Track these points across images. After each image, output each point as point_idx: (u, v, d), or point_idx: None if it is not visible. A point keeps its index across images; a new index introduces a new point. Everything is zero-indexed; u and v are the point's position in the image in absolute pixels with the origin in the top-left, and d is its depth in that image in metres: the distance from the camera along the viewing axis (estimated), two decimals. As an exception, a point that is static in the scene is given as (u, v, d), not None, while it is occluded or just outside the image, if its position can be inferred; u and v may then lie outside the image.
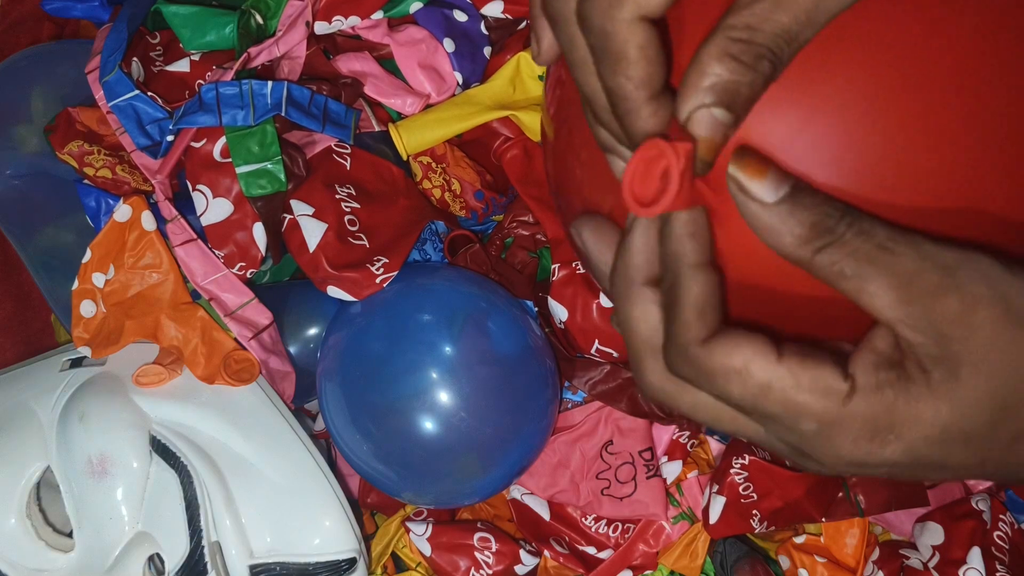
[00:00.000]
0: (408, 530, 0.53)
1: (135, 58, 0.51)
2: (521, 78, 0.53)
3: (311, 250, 0.48)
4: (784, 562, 0.52)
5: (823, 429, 0.28)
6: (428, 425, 0.47)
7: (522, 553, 0.52)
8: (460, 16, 0.53)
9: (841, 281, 0.27)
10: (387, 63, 0.53)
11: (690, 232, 0.29)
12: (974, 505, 0.51)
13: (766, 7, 0.27)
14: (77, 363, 0.51)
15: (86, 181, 0.51)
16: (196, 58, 0.51)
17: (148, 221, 0.48)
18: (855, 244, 0.27)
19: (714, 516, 0.50)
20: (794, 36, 0.27)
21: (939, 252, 0.27)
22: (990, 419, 0.28)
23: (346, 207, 0.49)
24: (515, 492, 0.54)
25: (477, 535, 0.52)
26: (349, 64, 0.52)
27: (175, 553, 0.47)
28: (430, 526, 0.52)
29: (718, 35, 0.27)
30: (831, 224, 0.27)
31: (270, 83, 0.47)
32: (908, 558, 0.51)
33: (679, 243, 0.29)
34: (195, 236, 0.49)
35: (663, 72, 0.28)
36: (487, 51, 0.54)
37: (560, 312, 0.49)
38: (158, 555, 0.47)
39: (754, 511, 0.50)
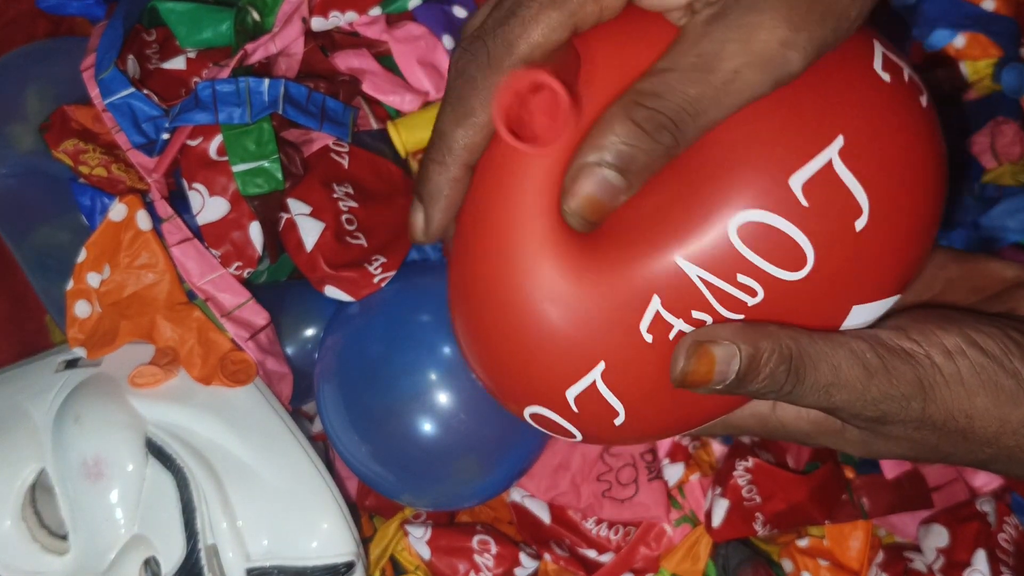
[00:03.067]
0: (407, 533, 0.53)
1: (131, 55, 0.50)
2: (521, 76, 0.53)
3: (308, 249, 0.47)
4: (787, 565, 0.52)
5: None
6: (427, 427, 0.47)
7: (522, 556, 0.52)
8: (459, 12, 0.53)
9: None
10: (385, 60, 0.53)
11: None
12: (979, 507, 0.51)
13: (676, 77, 0.27)
14: (72, 364, 0.51)
15: (81, 180, 0.50)
16: (192, 55, 0.51)
17: (143, 220, 0.48)
18: (801, 395, 0.30)
19: (717, 519, 0.50)
20: (700, 111, 0.27)
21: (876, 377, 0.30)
22: (915, 457, 0.34)
23: (344, 206, 0.49)
24: (515, 494, 0.54)
25: (476, 538, 0.52)
26: (347, 61, 0.52)
27: (171, 556, 0.46)
28: (429, 529, 0.52)
29: (626, 98, 0.27)
30: (778, 385, 0.30)
31: (267, 80, 0.47)
32: (912, 560, 0.51)
33: None
34: (191, 235, 0.48)
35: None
36: (487, 48, 0.54)
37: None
38: (154, 558, 0.47)
39: (757, 514, 0.50)
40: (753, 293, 0.30)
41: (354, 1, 0.51)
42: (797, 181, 0.29)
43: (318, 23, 0.51)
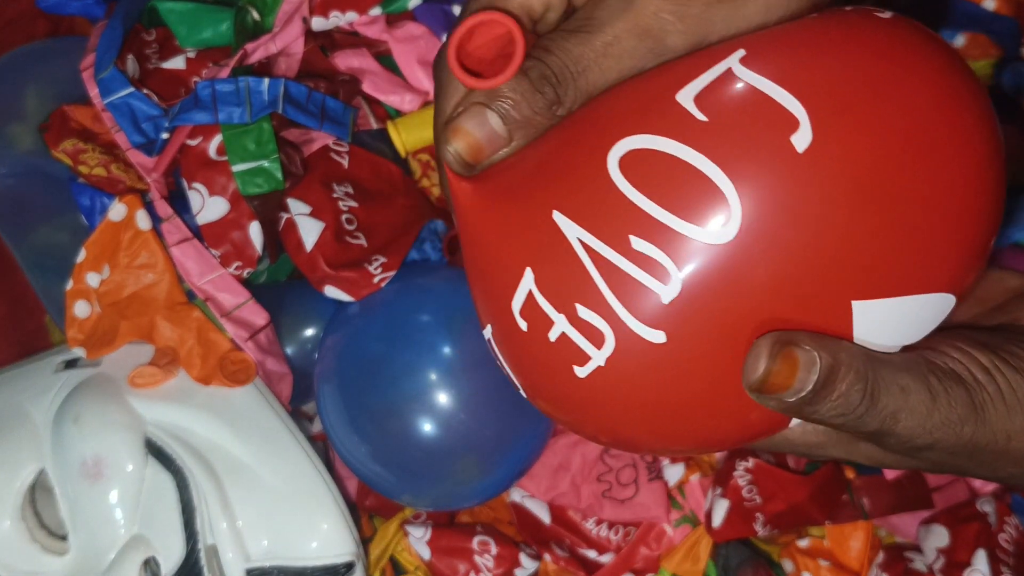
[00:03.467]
0: (407, 533, 0.53)
1: (130, 55, 0.50)
2: (521, 75, 0.53)
3: (308, 249, 0.47)
4: (788, 566, 0.52)
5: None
6: (427, 427, 0.47)
7: (522, 556, 0.52)
8: (459, 12, 0.53)
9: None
10: (385, 60, 0.53)
11: None
12: (979, 508, 0.51)
13: (564, 36, 0.28)
14: (72, 364, 0.51)
15: (80, 179, 0.50)
16: (192, 55, 0.51)
17: (143, 220, 0.48)
18: (866, 422, 0.27)
19: (717, 519, 0.50)
20: (581, 71, 0.27)
21: (932, 416, 0.27)
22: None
23: (344, 206, 0.49)
24: (515, 495, 0.53)
25: (476, 538, 0.52)
26: (347, 61, 0.52)
27: (171, 557, 0.46)
28: (429, 529, 0.52)
29: (530, 50, 0.28)
30: (849, 409, 0.26)
31: (267, 80, 0.47)
32: (912, 561, 0.51)
33: None
34: (191, 235, 0.48)
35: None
36: (487, 48, 0.54)
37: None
38: (154, 558, 0.46)
39: (757, 514, 0.50)
40: (662, 274, 0.23)
41: (354, 1, 0.51)
42: (687, 95, 0.23)
43: (318, 23, 0.51)
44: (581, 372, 0.25)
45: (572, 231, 0.24)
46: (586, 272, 0.24)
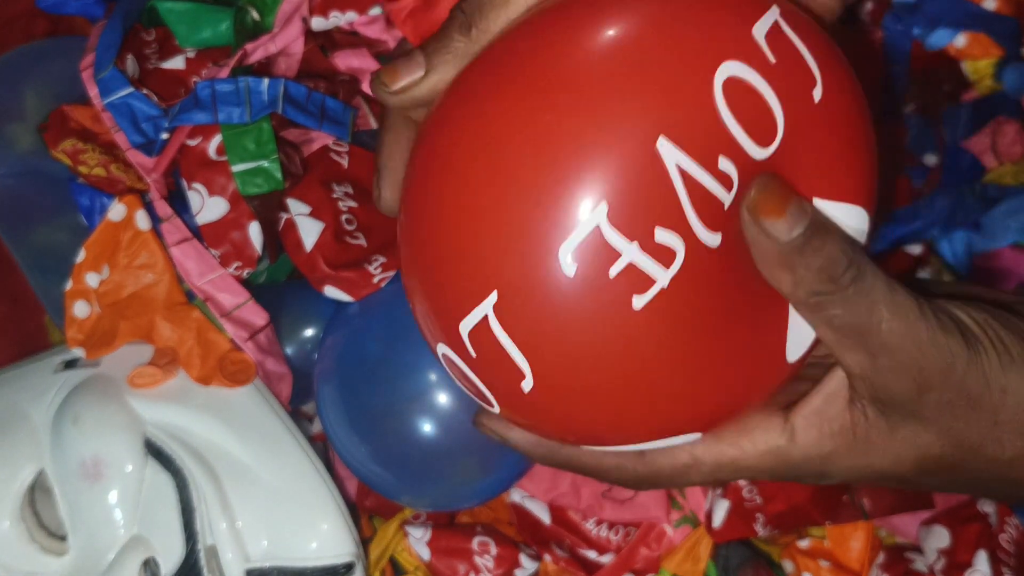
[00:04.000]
0: (407, 534, 0.53)
1: (130, 55, 0.50)
2: (521, 75, 0.53)
3: (308, 249, 0.47)
4: (788, 566, 0.52)
5: (777, 474, 0.31)
6: (427, 427, 0.47)
7: (522, 557, 0.52)
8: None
9: (823, 326, 0.28)
10: (385, 59, 0.53)
11: (535, 442, 0.34)
12: (980, 508, 0.50)
13: None
14: (71, 365, 0.51)
15: (80, 179, 0.50)
16: (191, 55, 0.51)
17: (143, 220, 0.48)
18: (853, 300, 0.27)
19: (717, 520, 0.50)
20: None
21: (918, 328, 0.27)
22: (920, 469, 0.30)
23: (343, 206, 0.49)
24: (515, 495, 0.53)
25: (476, 539, 0.52)
26: (347, 61, 0.52)
27: (170, 557, 0.46)
28: (429, 530, 0.52)
29: None
30: (836, 273, 0.27)
31: (266, 80, 0.47)
32: (913, 561, 0.51)
33: (535, 455, 0.34)
34: (190, 235, 0.48)
35: None
36: (487, 48, 0.54)
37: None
38: (153, 559, 0.46)
39: (758, 514, 0.50)
40: (730, 185, 0.26)
41: (354, 1, 0.51)
42: (760, 31, 0.26)
43: (318, 23, 0.51)
44: (640, 301, 0.25)
45: (672, 157, 0.24)
46: (674, 193, 0.25)
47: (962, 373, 0.28)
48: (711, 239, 0.26)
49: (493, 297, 0.25)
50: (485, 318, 0.25)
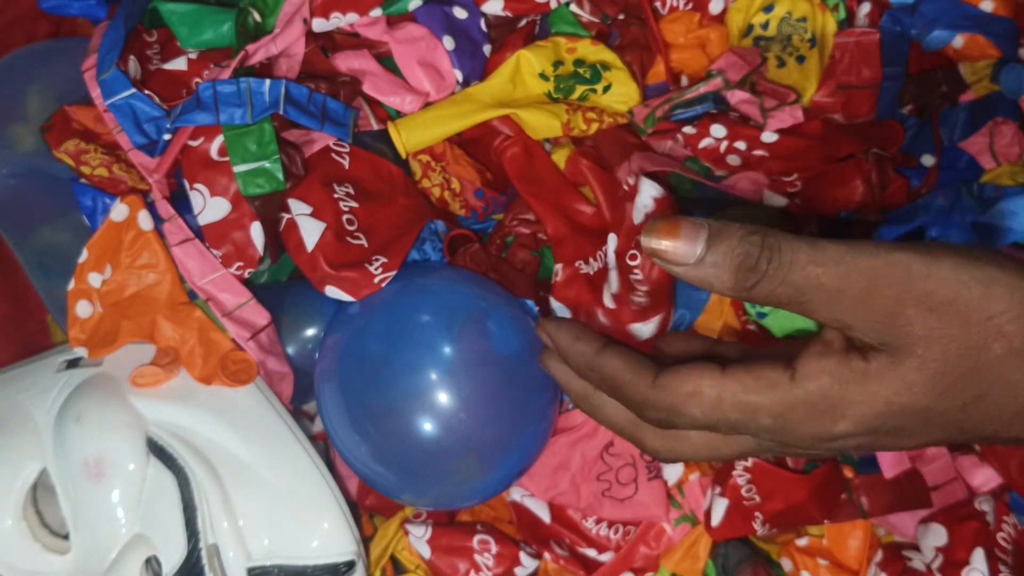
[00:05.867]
0: (407, 532, 0.53)
1: (132, 56, 0.50)
2: (521, 76, 0.53)
3: (309, 249, 0.47)
4: (786, 564, 0.52)
5: (777, 420, 0.31)
6: (427, 426, 0.47)
7: (522, 555, 0.52)
8: (460, 13, 0.53)
9: (783, 306, 0.30)
10: (386, 61, 0.53)
11: (574, 337, 0.36)
12: (977, 506, 0.51)
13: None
14: (73, 364, 0.51)
15: (82, 180, 0.50)
16: (193, 56, 0.51)
17: (145, 220, 0.48)
18: (780, 275, 0.29)
19: (716, 518, 0.50)
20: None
21: (859, 260, 0.29)
22: (933, 391, 0.29)
23: (344, 206, 0.49)
24: (515, 494, 0.54)
25: (477, 537, 0.52)
26: (347, 62, 0.52)
27: (172, 556, 0.46)
28: (429, 528, 0.52)
29: None
30: (752, 263, 0.29)
31: (268, 81, 0.47)
32: (911, 559, 0.51)
33: (571, 353, 0.36)
34: (192, 235, 0.48)
35: None
36: (487, 49, 0.54)
37: (563, 313, 0.49)
38: (155, 557, 0.47)
39: (756, 513, 0.50)
40: None
41: (355, 2, 0.51)
42: None
43: (319, 24, 0.51)
44: None
45: None
46: None
47: (924, 276, 0.28)
48: None
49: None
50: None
